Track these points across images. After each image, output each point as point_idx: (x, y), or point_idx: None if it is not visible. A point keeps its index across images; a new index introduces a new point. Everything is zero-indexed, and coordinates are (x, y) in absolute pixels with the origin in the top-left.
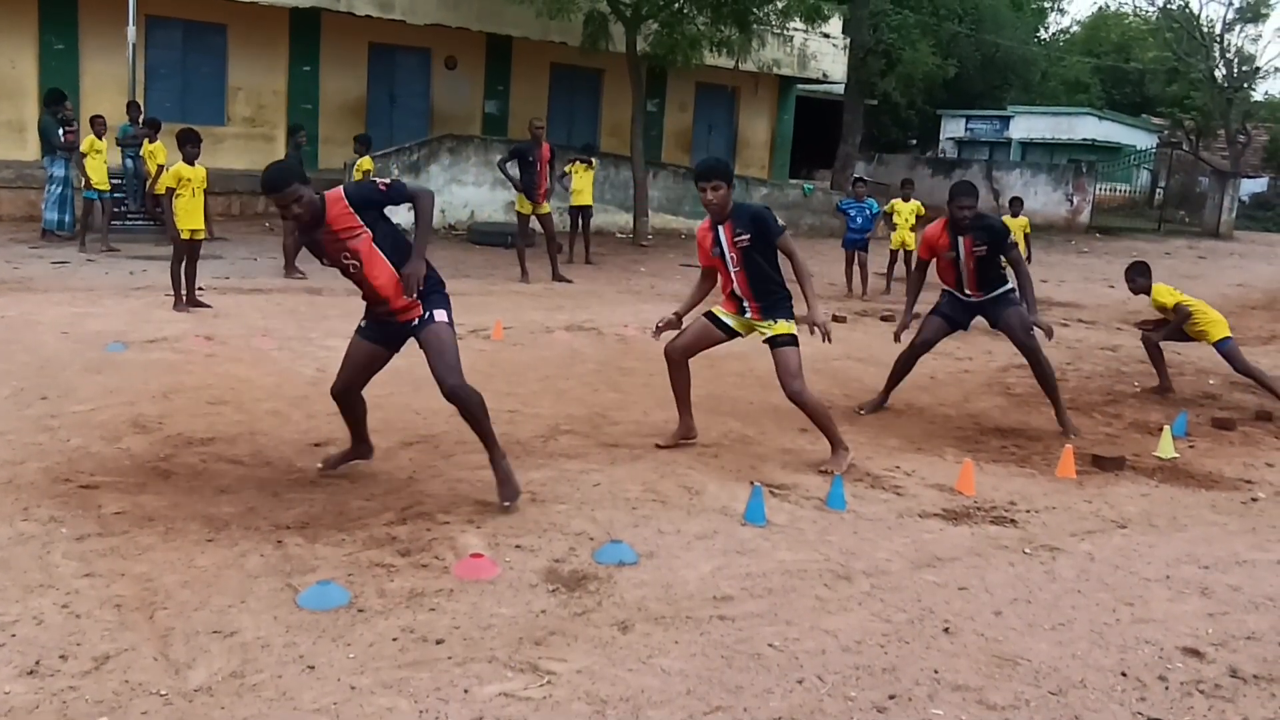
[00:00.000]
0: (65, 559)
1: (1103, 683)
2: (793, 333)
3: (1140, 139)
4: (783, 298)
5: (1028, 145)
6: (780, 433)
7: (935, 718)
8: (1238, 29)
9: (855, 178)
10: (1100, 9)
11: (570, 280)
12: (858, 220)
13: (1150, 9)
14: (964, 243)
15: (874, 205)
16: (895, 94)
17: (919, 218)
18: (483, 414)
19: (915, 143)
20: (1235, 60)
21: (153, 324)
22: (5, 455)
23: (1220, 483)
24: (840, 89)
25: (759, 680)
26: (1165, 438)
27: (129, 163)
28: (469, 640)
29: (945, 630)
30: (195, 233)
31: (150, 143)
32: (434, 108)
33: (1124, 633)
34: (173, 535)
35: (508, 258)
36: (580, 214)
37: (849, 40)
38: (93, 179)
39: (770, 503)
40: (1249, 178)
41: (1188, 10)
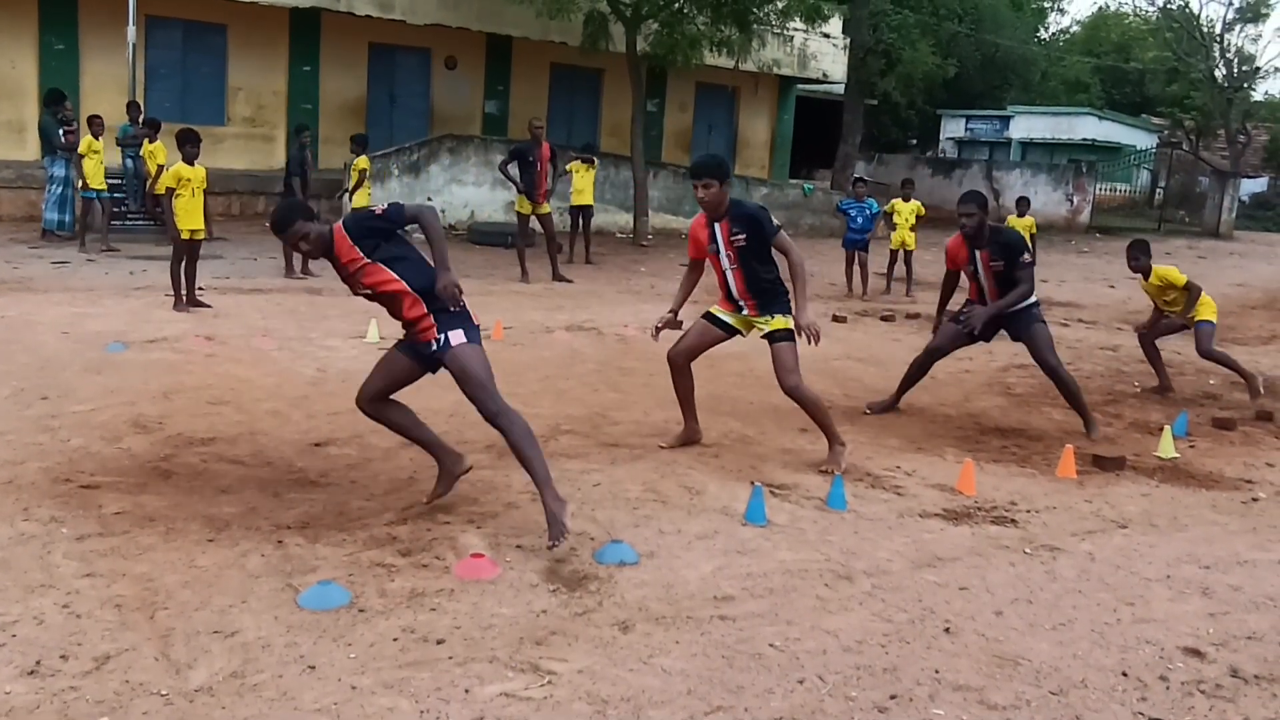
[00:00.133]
0: (66, 559)
1: (1104, 683)
2: (789, 327)
3: (1140, 139)
4: (780, 293)
5: (1028, 145)
6: (781, 433)
7: (936, 718)
8: (1238, 29)
9: (855, 178)
10: (1100, 9)
11: (570, 280)
12: (858, 220)
13: (1150, 9)
14: (981, 257)
15: (874, 205)
16: (895, 94)
17: (919, 218)
18: (526, 443)
19: (915, 143)
20: (1235, 60)
21: (153, 324)
22: (5, 455)
23: (1221, 482)
24: (840, 89)
25: (760, 680)
26: (1166, 437)
27: (129, 163)
28: (470, 640)
29: (946, 630)
30: (195, 233)
31: (150, 143)
32: (434, 108)
33: (1125, 633)
34: (173, 535)
35: (508, 258)
36: (581, 214)
37: (849, 40)
38: (90, 180)
39: (771, 503)
40: (1249, 178)
41: (1188, 10)
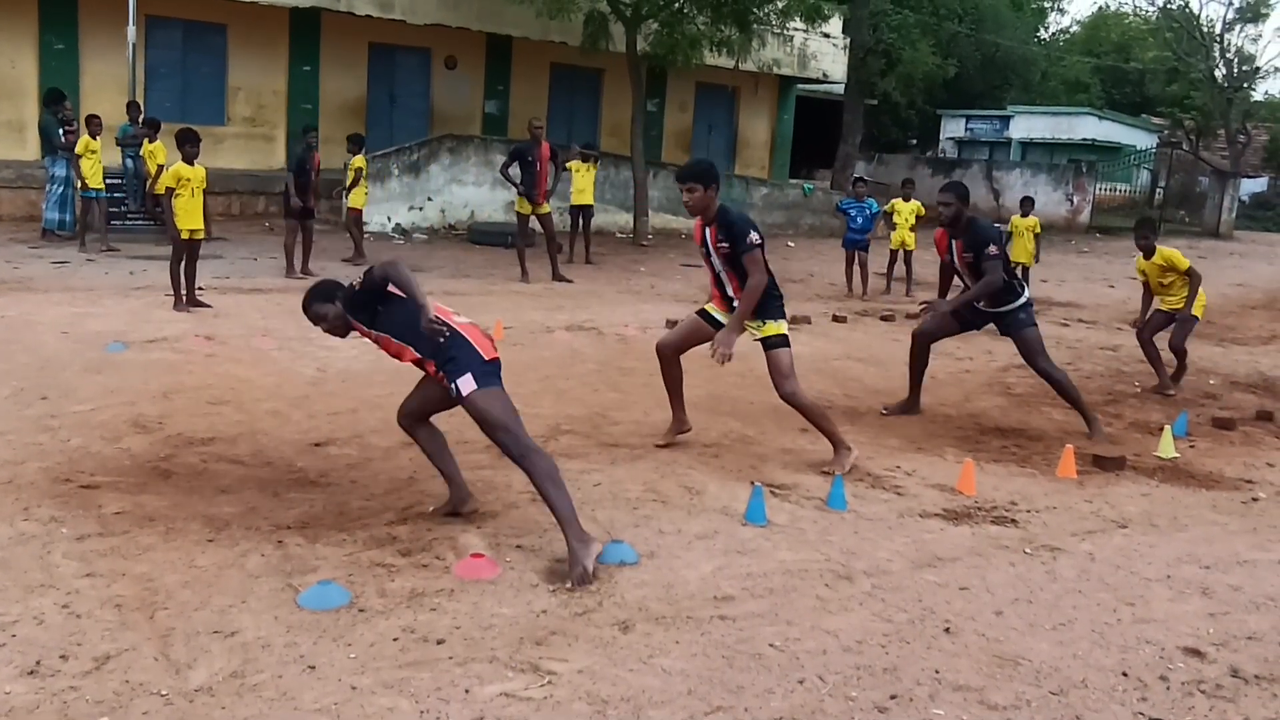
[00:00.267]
0: (66, 559)
1: (1104, 683)
2: (783, 333)
3: (1140, 139)
4: (773, 298)
5: (1028, 145)
6: (781, 433)
7: (936, 718)
8: (1238, 29)
9: (855, 178)
10: (1100, 9)
11: (570, 280)
12: (858, 220)
13: (1150, 9)
14: (956, 247)
15: (874, 205)
16: (895, 94)
17: (919, 218)
18: (548, 483)
19: (915, 143)
20: (1235, 60)
21: (153, 324)
22: (5, 455)
23: (1221, 482)
24: (840, 89)
25: (760, 680)
26: (1166, 437)
27: (129, 163)
28: (470, 640)
29: (946, 630)
30: (195, 232)
31: (150, 143)
32: (434, 108)
33: (1125, 633)
34: (173, 535)
35: (508, 258)
36: (581, 213)
37: (849, 40)
38: (87, 180)
39: (771, 503)
40: (1249, 177)
41: (1188, 10)
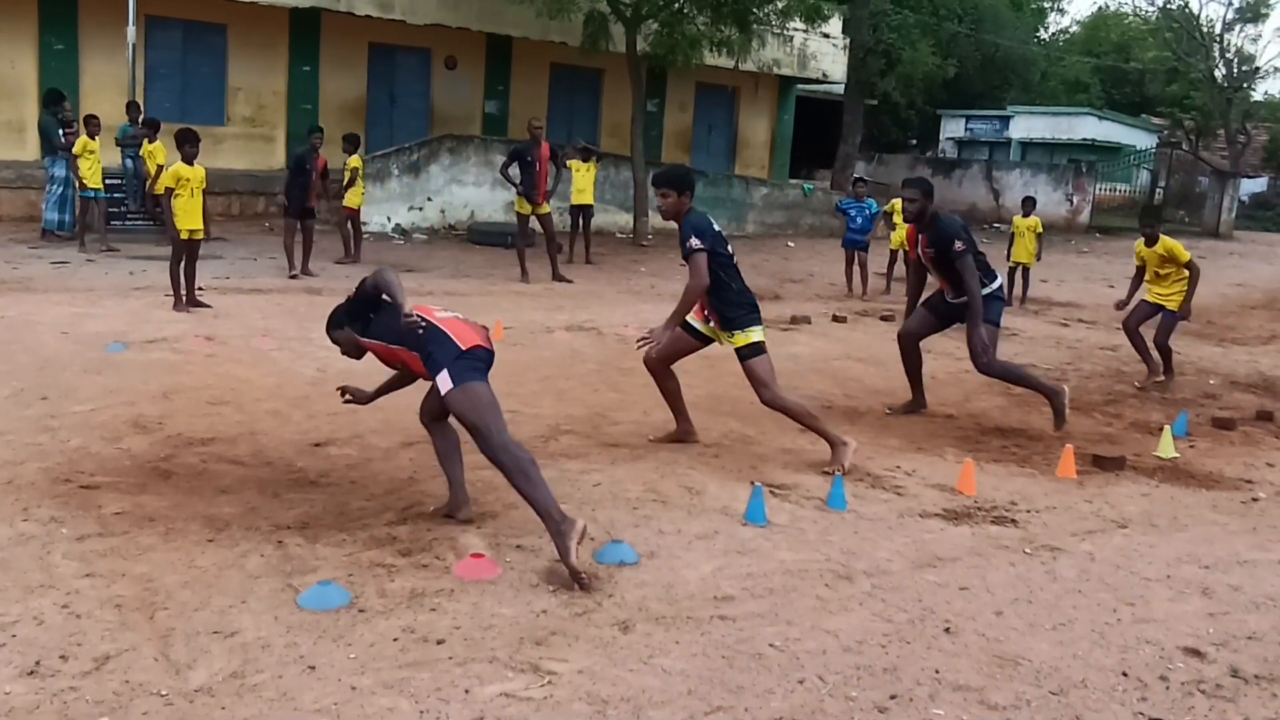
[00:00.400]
0: (65, 559)
1: (1104, 683)
2: (753, 341)
3: (1140, 139)
4: (738, 306)
5: (1028, 145)
6: (780, 433)
7: (936, 718)
8: (1237, 29)
9: (855, 178)
10: (1100, 9)
11: (570, 280)
12: (858, 220)
13: (1150, 9)
14: (921, 242)
15: (874, 205)
16: (895, 94)
17: None
18: (520, 479)
19: (915, 143)
20: (1235, 60)
21: (153, 324)
22: (5, 455)
23: (1221, 482)
24: (840, 89)
25: (760, 680)
26: (1166, 437)
27: (129, 163)
28: (470, 640)
29: (946, 630)
30: (194, 233)
31: (150, 143)
32: (434, 108)
33: (1125, 633)
34: (173, 535)
35: (508, 258)
36: (581, 213)
37: (849, 40)
38: (86, 180)
39: (771, 503)
40: (1249, 178)
41: (1187, 10)
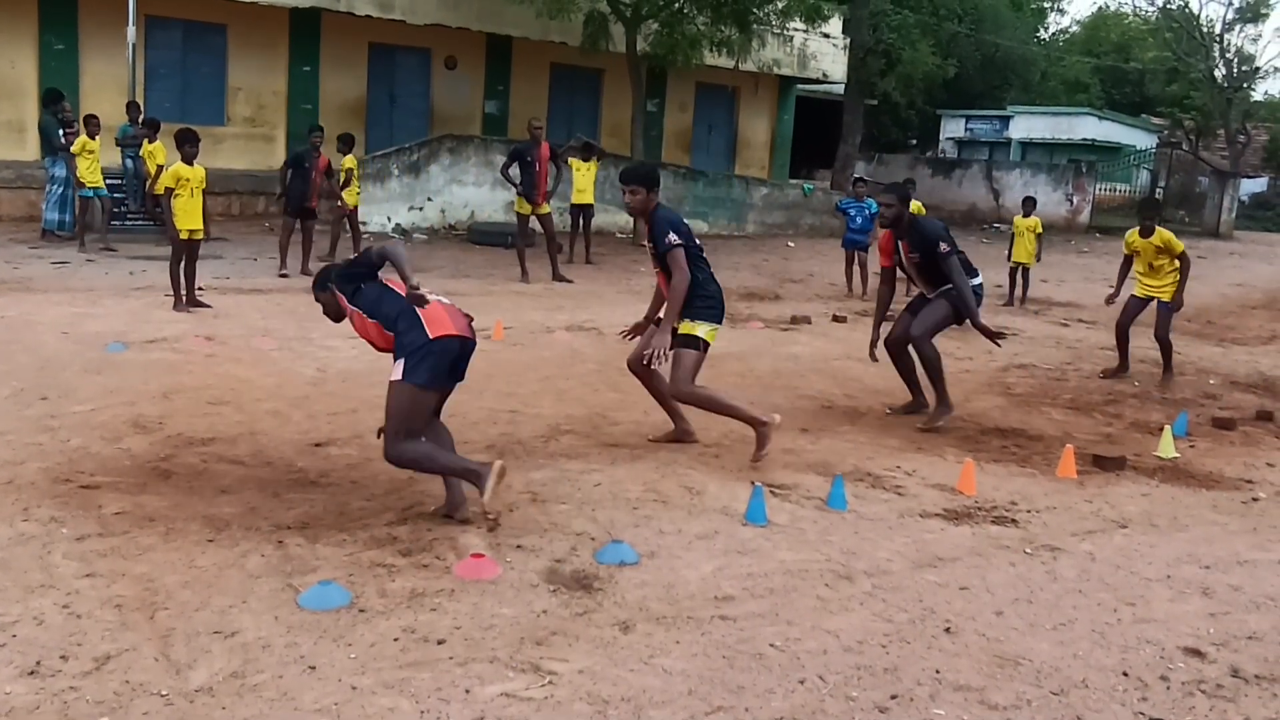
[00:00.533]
0: (66, 559)
1: (1104, 683)
2: (695, 335)
3: (1140, 139)
4: (698, 298)
5: (1028, 145)
6: (781, 433)
7: (937, 718)
8: (1237, 29)
9: (855, 178)
10: (1100, 9)
11: (570, 280)
12: (858, 220)
13: (1150, 9)
14: (902, 247)
15: (874, 205)
16: (895, 94)
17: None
18: (431, 465)
19: (915, 143)
20: (1235, 60)
21: (153, 324)
22: (5, 455)
23: (1221, 482)
24: (840, 89)
25: (761, 680)
26: (1166, 437)
27: (129, 163)
28: (470, 640)
29: (947, 630)
30: (194, 233)
31: (150, 143)
32: (434, 108)
33: (1125, 633)
34: (173, 535)
35: (508, 258)
36: (581, 213)
37: (849, 40)
38: (85, 179)
39: (771, 503)
40: (1249, 178)
41: (1188, 10)
